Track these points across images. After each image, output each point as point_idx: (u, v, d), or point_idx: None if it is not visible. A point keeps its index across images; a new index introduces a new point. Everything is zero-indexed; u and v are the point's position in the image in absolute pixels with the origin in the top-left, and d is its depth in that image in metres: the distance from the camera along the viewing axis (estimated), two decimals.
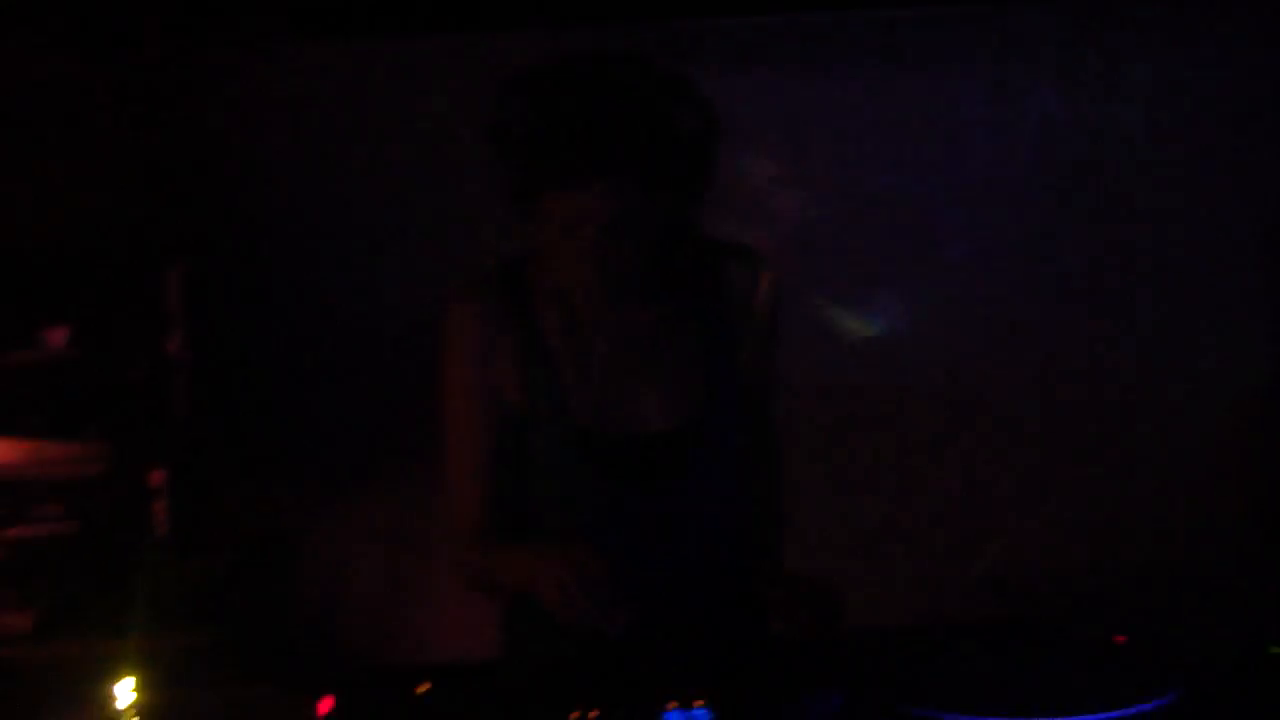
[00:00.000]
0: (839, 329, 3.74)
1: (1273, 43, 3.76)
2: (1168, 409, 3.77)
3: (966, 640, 2.00)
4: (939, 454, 3.79)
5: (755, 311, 2.16)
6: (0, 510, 3.29)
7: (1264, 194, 3.79)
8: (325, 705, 1.78)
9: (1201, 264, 3.80)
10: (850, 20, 3.78)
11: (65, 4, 3.49)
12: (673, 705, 1.67)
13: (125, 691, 1.79)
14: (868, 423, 3.78)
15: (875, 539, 3.74)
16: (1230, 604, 3.25)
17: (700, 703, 1.67)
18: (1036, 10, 3.77)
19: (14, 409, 3.32)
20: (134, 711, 1.76)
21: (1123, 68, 3.77)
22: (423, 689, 1.81)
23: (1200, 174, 3.78)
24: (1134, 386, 3.79)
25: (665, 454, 2.08)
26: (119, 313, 3.37)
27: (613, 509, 2.07)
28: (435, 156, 3.75)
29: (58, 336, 3.35)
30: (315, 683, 1.84)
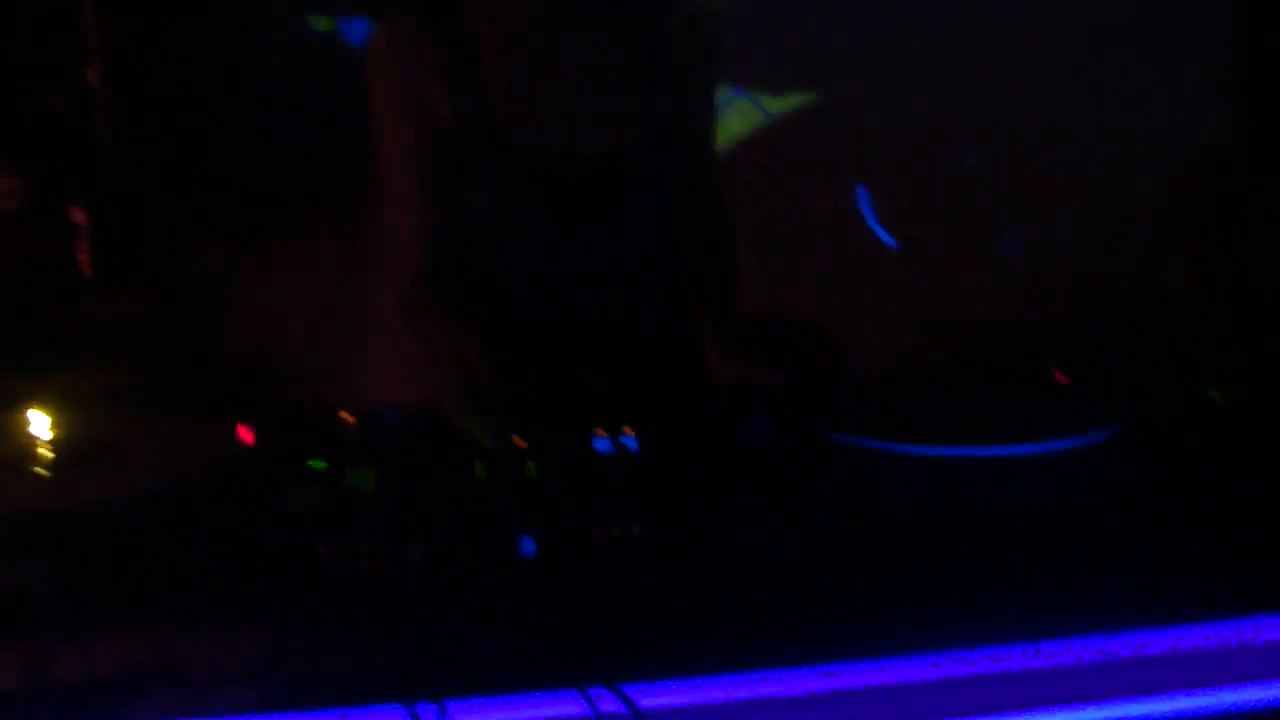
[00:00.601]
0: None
1: None
2: (1115, 153, 3.73)
3: (902, 375, 1.98)
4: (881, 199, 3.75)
5: (697, 28, 2.07)
6: None
7: None
8: (245, 434, 1.74)
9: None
10: None
11: None
12: (600, 433, 1.63)
13: (43, 426, 1.74)
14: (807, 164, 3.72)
15: (811, 285, 3.71)
16: (1172, 352, 3.25)
17: (629, 430, 1.63)
18: None
19: None
20: (52, 445, 1.71)
21: None
22: (347, 417, 1.76)
23: None
24: (1081, 125, 3.73)
25: (601, 179, 2.01)
26: (31, 38, 3.22)
27: (547, 239, 2.01)
28: None
29: None
30: (238, 415, 1.79)
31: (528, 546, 1.35)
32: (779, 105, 3.66)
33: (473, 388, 1.66)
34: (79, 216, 3.19)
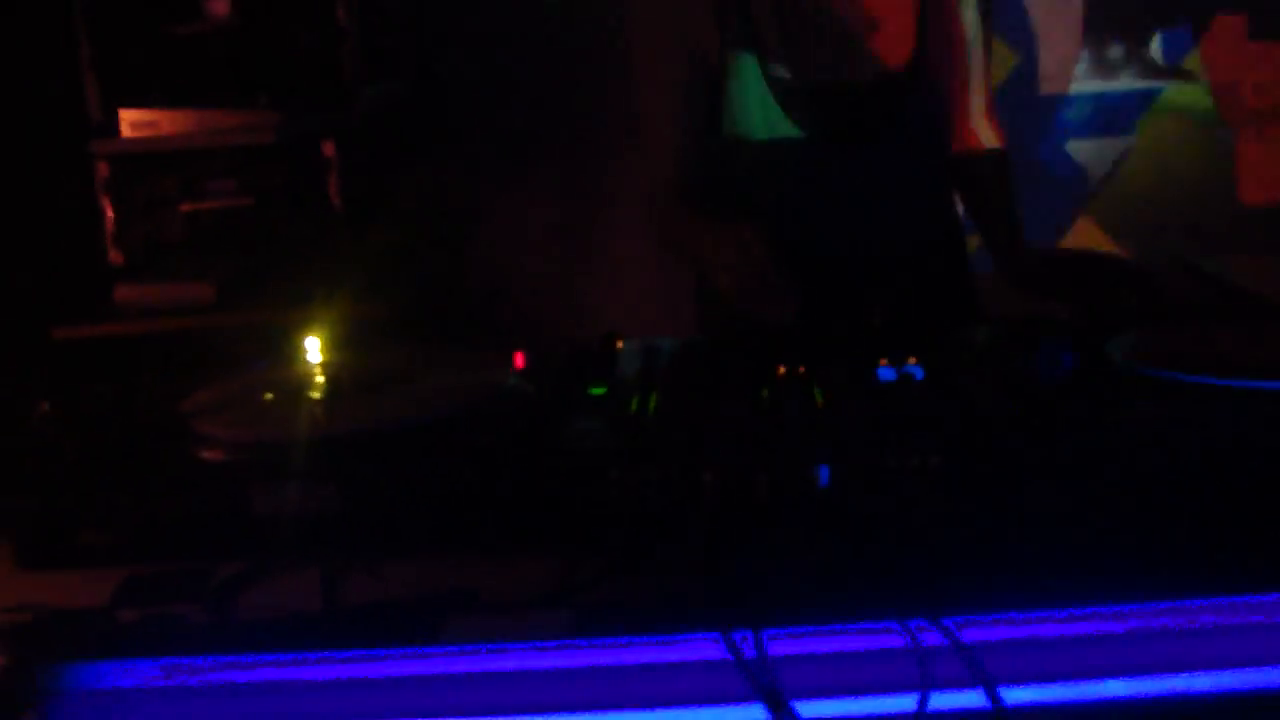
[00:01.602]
0: None
1: None
2: None
3: (1198, 307, 1.89)
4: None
5: None
6: (176, 184, 3.29)
7: None
8: (519, 360, 1.73)
9: None
10: None
11: None
12: (884, 362, 1.58)
13: (314, 349, 1.76)
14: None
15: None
16: None
17: (914, 360, 1.58)
18: None
19: (183, 80, 3.28)
20: (328, 368, 1.73)
21: None
22: (620, 344, 1.74)
23: None
24: None
25: (874, 105, 1.95)
26: None
27: (816, 167, 1.96)
28: None
29: (221, 5, 3.28)
30: (511, 343, 1.78)
31: (823, 475, 1.31)
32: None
33: (756, 268, 1.63)
34: (329, 149, 3.23)
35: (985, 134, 2.10)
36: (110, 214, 3.29)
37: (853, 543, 1.23)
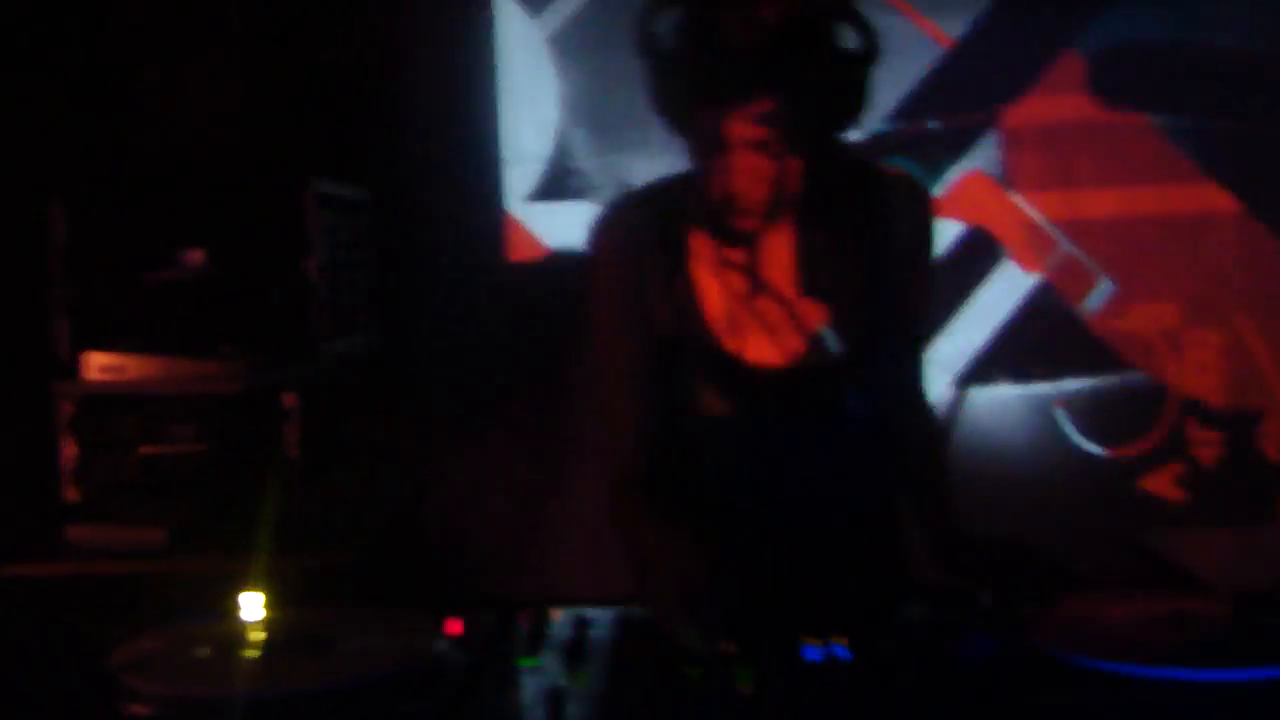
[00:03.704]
0: None
1: None
2: None
3: (1118, 590, 1.92)
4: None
5: (916, 241, 2.07)
6: (135, 427, 3.31)
7: None
8: (453, 626, 1.75)
9: None
10: None
11: None
12: (811, 641, 1.61)
13: (254, 606, 1.77)
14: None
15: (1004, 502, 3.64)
16: None
17: (841, 640, 1.60)
18: None
19: (152, 327, 3.33)
20: (262, 626, 1.74)
21: None
22: (554, 614, 1.76)
23: None
24: None
25: (818, 389, 2.00)
26: (258, 233, 3.36)
27: (759, 445, 2.00)
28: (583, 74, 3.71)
29: (196, 256, 3.36)
30: (445, 606, 1.80)
31: None
32: None
33: (684, 593, 1.65)
34: (290, 400, 3.27)
35: (922, 416, 2.16)
36: (70, 453, 3.30)
37: None
